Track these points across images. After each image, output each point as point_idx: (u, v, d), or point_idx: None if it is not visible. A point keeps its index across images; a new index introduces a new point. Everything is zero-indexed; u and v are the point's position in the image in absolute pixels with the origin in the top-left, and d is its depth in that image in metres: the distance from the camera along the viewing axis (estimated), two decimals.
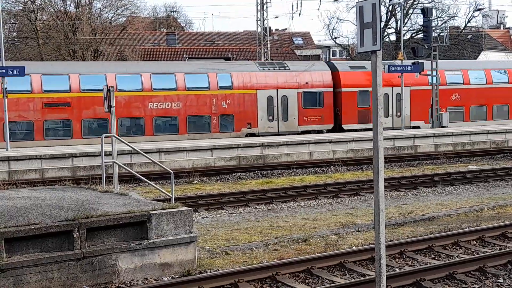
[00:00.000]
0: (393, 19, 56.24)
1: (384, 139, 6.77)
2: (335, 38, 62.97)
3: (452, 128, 32.43)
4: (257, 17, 45.16)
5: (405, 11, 51.60)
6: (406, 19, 53.92)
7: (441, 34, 39.30)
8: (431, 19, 35.40)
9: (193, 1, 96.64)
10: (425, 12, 35.01)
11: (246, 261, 10.02)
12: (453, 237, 11.00)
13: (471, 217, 13.73)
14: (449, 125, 33.89)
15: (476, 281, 8.86)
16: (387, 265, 8.80)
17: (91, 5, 49.67)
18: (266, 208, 15.95)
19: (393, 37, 57.16)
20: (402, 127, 32.93)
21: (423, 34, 37.33)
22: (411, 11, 54.87)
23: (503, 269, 9.39)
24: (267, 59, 46.08)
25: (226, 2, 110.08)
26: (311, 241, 11.37)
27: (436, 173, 21.61)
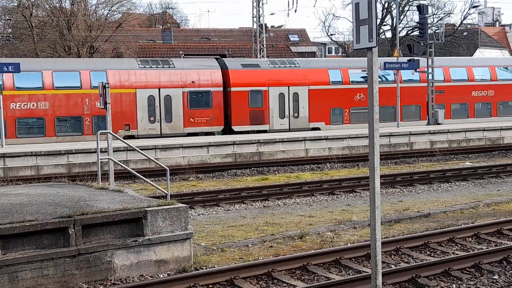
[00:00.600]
0: (389, 16, 56.41)
1: (380, 136, 6.77)
2: (331, 35, 63.18)
3: (447, 125, 32.52)
4: (253, 14, 45.19)
5: (401, 8, 51.63)
6: (402, 16, 53.95)
7: (437, 31, 39.38)
8: (426, 16, 35.39)
9: None
10: (421, 9, 35.08)
11: (242, 258, 10.03)
12: (448, 234, 11.02)
13: (466, 214, 13.75)
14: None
15: (471, 278, 8.89)
16: (383, 262, 8.82)
17: (86, 1, 49.60)
18: (262, 205, 15.96)
19: (388, 34, 57.34)
20: (306, 128, 31.38)
21: (418, 31, 37.47)
22: (407, 8, 54.98)
23: (498, 265, 9.42)
24: (263, 56, 46.04)
25: None
26: (307, 238, 11.38)
27: (431, 170, 21.68)
